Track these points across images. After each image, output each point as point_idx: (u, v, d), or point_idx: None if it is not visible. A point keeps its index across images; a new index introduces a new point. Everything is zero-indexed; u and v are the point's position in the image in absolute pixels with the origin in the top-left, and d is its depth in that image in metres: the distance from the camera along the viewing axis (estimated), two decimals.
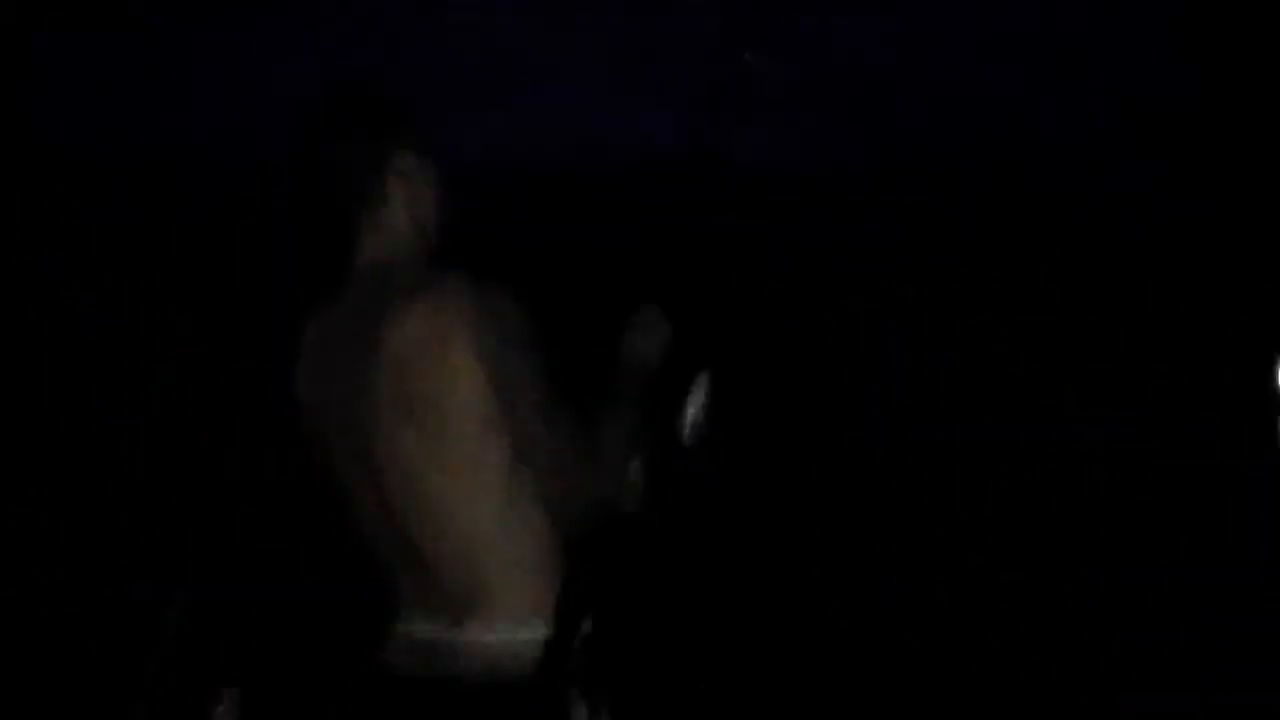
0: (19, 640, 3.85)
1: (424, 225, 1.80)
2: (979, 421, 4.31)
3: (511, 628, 1.68)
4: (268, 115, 3.00)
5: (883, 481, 4.33)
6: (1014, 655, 4.08)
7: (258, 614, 3.80)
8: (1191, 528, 4.22)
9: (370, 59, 3.30)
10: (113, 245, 4.13)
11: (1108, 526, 4.27)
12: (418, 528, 1.69)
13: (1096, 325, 4.36)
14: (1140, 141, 3.87)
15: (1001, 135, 3.86)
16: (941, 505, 4.32)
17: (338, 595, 3.71)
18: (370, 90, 1.79)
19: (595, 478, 1.70)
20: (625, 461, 1.76)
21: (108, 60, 3.40)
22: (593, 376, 1.81)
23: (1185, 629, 4.00)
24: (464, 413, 1.64)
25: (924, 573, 4.25)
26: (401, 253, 1.77)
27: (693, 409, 1.88)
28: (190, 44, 3.33)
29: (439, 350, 1.62)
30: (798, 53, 3.24)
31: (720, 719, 3.84)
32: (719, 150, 1.89)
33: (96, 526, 4.01)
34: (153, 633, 3.66)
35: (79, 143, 3.90)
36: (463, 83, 3.32)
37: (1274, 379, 4.28)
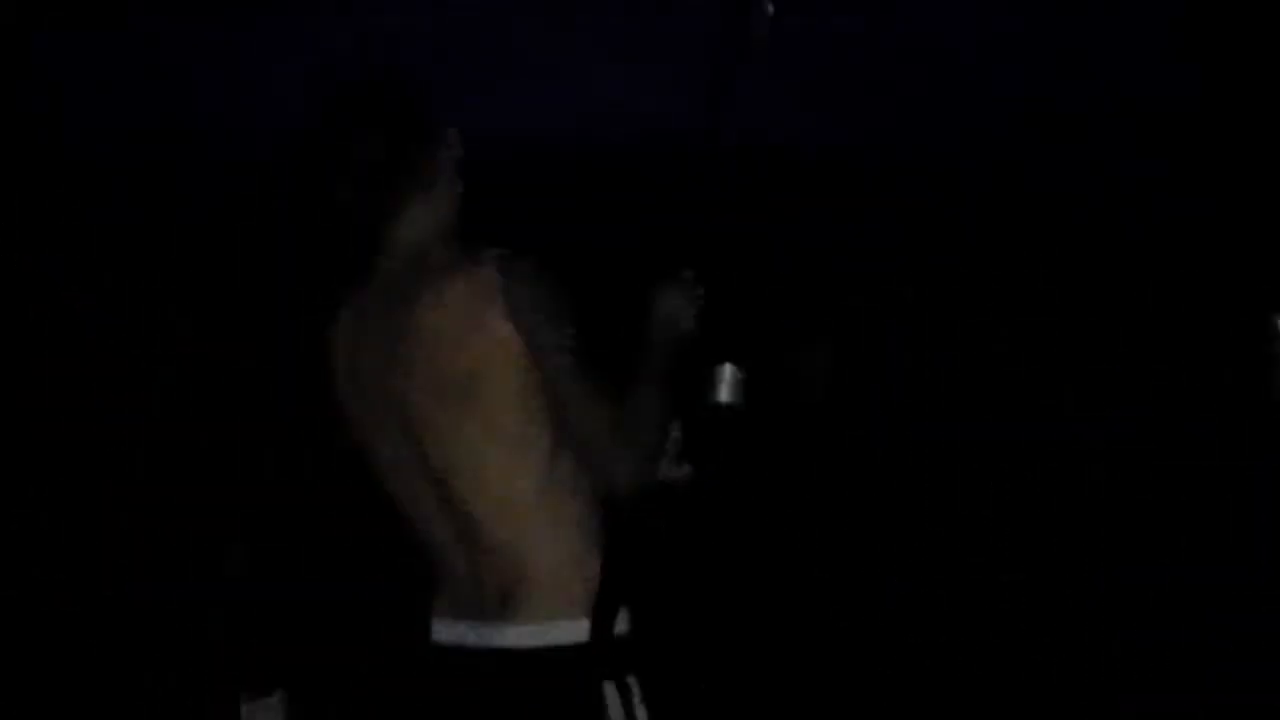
0: (19, 640, 3.85)
1: (451, 213, 1.82)
2: (979, 421, 4.32)
3: (548, 624, 1.69)
4: (268, 115, 3.00)
5: (883, 481, 4.33)
6: (1014, 655, 4.08)
7: (256, 614, 3.80)
8: (1192, 527, 4.22)
9: (369, 60, 3.30)
10: (113, 245, 4.13)
11: (1108, 526, 4.28)
12: (460, 506, 1.70)
13: (1096, 325, 4.36)
14: (1140, 141, 3.87)
15: (1001, 135, 3.86)
16: (941, 505, 4.32)
17: (337, 595, 3.71)
18: (397, 84, 1.79)
19: (633, 441, 1.71)
20: (662, 426, 1.77)
21: (108, 60, 3.40)
22: (621, 345, 1.82)
23: (1186, 628, 4.00)
24: (502, 386, 1.66)
25: (924, 573, 4.25)
26: (430, 240, 1.78)
27: (724, 386, 1.89)
28: (190, 44, 3.33)
29: (475, 327, 1.65)
30: (798, 52, 3.25)
31: (735, 712, 3.85)
32: (721, 136, 1.89)
33: (96, 526, 4.01)
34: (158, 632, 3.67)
35: (79, 143, 3.90)
36: (464, 70, 3.32)
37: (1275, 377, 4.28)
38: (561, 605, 1.68)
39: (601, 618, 1.68)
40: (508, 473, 1.68)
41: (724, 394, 1.89)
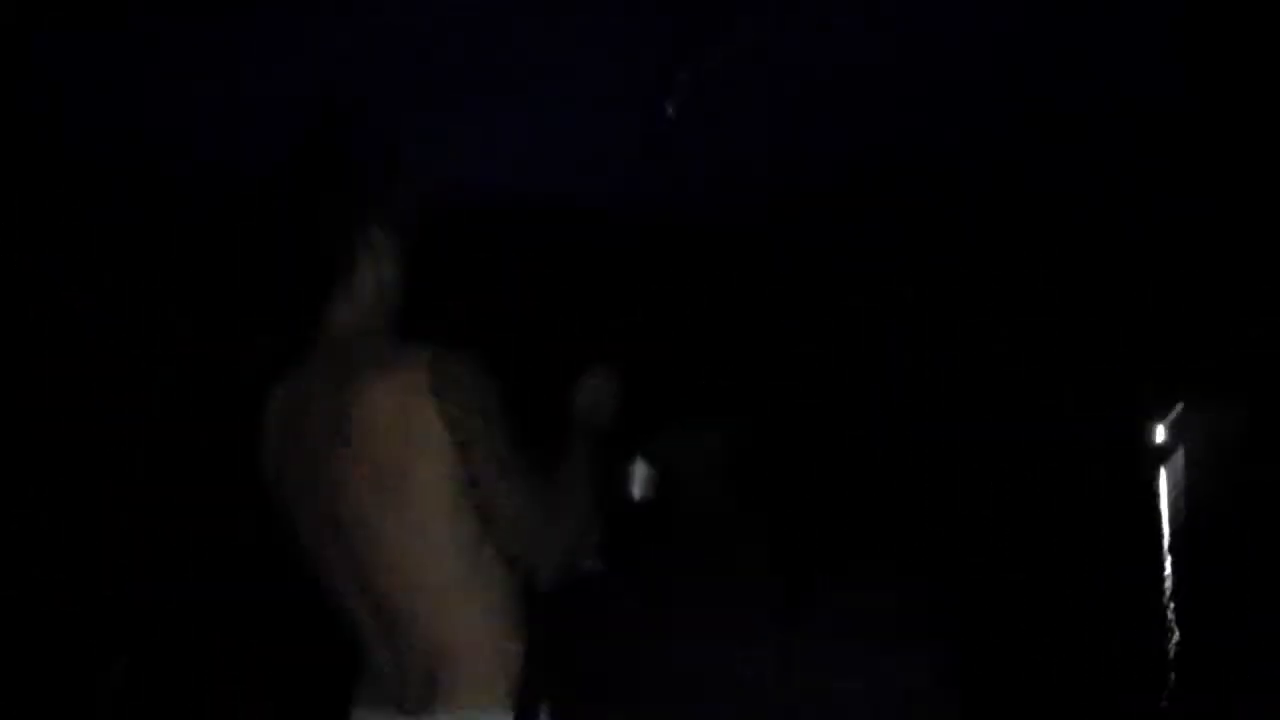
0: (19, 640, 3.85)
1: (390, 293, 1.81)
2: (979, 421, 4.32)
3: (469, 716, 1.69)
4: (268, 115, 3.00)
5: (883, 481, 4.33)
6: (1014, 654, 4.08)
7: (256, 614, 3.80)
8: (1192, 526, 4.22)
9: (366, 57, 3.30)
10: (113, 245, 4.13)
11: (1108, 526, 4.28)
12: (385, 598, 1.70)
13: (1096, 325, 4.37)
14: (1140, 141, 3.88)
15: (1001, 135, 3.87)
16: (941, 505, 4.33)
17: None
18: (347, 151, 1.79)
19: (558, 534, 1.72)
20: (585, 518, 1.79)
21: (108, 60, 3.40)
22: (552, 431, 1.83)
23: (1188, 628, 4.00)
24: (429, 479, 1.65)
25: (924, 572, 4.25)
26: (368, 320, 1.78)
27: (638, 482, 1.92)
28: (190, 44, 3.33)
29: (404, 424, 1.64)
30: (797, 52, 3.25)
31: None
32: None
33: (96, 526, 4.01)
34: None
35: (79, 143, 3.91)
36: (432, 108, 3.32)
37: None
38: (483, 697, 1.68)
39: (524, 711, 1.69)
40: (431, 562, 1.68)
41: (637, 489, 1.92)
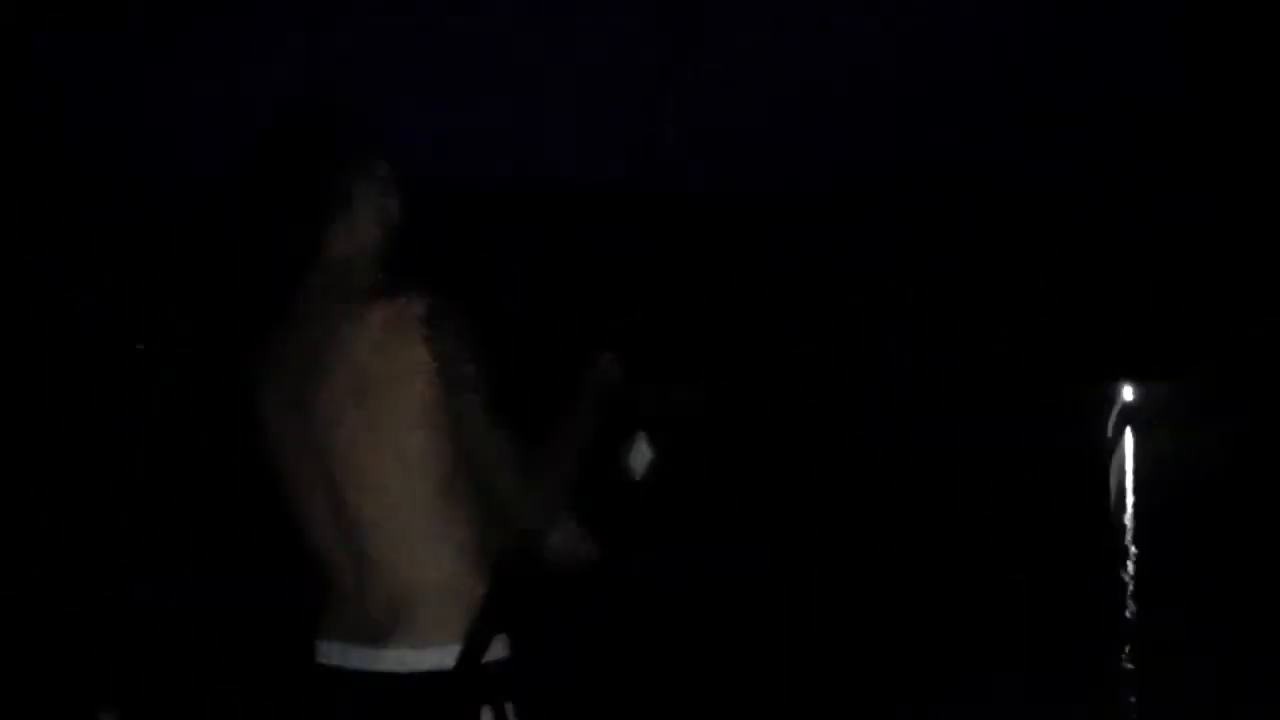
0: (19, 640, 3.85)
1: (386, 228, 1.86)
2: (979, 421, 4.32)
3: (425, 648, 1.72)
4: (268, 115, 3.01)
5: (883, 481, 4.33)
6: (1015, 654, 4.08)
7: (256, 614, 3.80)
8: (1192, 527, 4.22)
9: (365, 57, 3.31)
10: (113, 245, 4.13)
11: (1109, 526, 4.28)
12: (357, 522, 1.74)
13: (1096, 325, 4.37)
14: (1140, 141, 3.89)
15: (1001, 135, 3.88)
16: (941, 505, 4.33)
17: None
18: (341, 101, 1.85)
19: (535, 485, 1.76)
20: (565, 483, 1.82)
21: (108, 60, 3.40)
22: (548, 396, 1.86)
23: (1193, 627, 4.00)
24: (409, 406, 1.70)
25: (923, 572, 4.25)
26: (364, 253, 1.83)
27: (635, 457, 1.94)
28: (190, 44, 3.34)
29: (394, 347, 1.70)
30: (797, 52, 3.25)
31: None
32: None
33: (96, 526, 4.01)
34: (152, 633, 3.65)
35: (79, 143, 3.91)
36: (425, 95, 3.33)
37: None
38: (442, 633, 1.72)
39: (473, 645, 1.72)
40: (404, 486, 1.73)
41: (636, 460, 1.92)
